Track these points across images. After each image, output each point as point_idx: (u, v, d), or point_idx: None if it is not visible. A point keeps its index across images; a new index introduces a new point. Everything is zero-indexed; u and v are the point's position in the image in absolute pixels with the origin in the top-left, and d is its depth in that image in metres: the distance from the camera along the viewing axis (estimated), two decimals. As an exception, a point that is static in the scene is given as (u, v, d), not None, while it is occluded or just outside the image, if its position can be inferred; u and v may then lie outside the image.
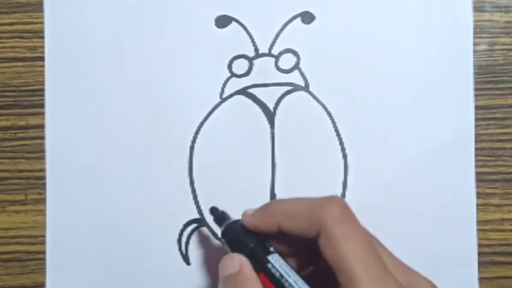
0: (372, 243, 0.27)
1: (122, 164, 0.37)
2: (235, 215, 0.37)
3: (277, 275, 0.28)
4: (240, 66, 0.37)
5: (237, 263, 0.29)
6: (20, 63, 0.37)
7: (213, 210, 0.33)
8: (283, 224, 0.29)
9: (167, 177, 0.37)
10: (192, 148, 0.37)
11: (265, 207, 0.30)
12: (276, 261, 0.28)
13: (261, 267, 0.28)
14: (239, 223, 0.30)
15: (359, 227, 0.27)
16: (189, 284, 0.37)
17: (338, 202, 0.28)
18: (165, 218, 0.37)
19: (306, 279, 0.27)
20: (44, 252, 0.37)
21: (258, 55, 0.37)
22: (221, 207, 0.37)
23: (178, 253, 0.37)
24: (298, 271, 0.29)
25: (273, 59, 0.37)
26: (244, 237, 0.30)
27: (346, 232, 0.27)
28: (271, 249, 0.29)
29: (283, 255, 0.29)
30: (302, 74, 0.37)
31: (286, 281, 0.27)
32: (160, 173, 0.37)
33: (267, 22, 0.37)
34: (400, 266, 0.29)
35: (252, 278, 0.28)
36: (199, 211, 0.37)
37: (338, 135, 0.37)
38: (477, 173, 0.37)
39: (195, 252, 0.37)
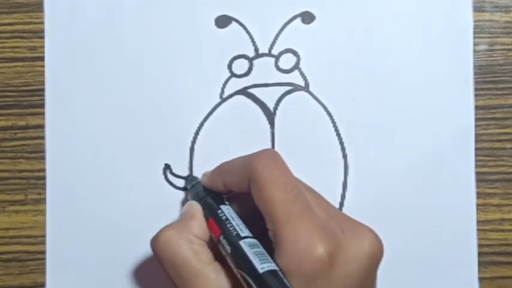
0: (296, 187, 0.28)
1: (122, 164, 0.37)
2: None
3: (223, 218, 0.30)
4: (240, 66, 0.37)
5: (188, 205, 0.32)
6: (20, 63, 0.37)
7: (187, 176, 0.36)
8: (225, 180, 0.31)
9: (167, 177, 0.37)
10: (192, 148, 0.37)
11: (215, 167, 0.33)
12: (226, 210, 0.31)
13: (211, 213, 0.31)
14: (202, 183, 0.34)
15: (285, 173, 0.29)
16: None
17: (267, 151, 0.30)
18: (166, 218, 0.37)
19: (256, 234, 0.29)
20: (44, 252, 0.37)
21: (258, 55, 0.37)
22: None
23: (178, 253, 0.37)
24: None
25: (273, 59, 0.37)
26: (205, 192, 0.33)
27: (269, 176, 0.28)
28: (226, 203, 0.32)
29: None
30: (302, 74, 0.37)
31: (230, 223, 0.30)
32: (161, 173, 0.37)
33: (267, 22, 0.37)
34: (336, 213, 0.30)
35: (193, 216, 0.31)
36: (199, 211, 0.37)
37: (338, 135, 0.37)
38: (477, 173, 0.37)
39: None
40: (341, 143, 0.37)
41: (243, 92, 0.37)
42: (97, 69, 0.37)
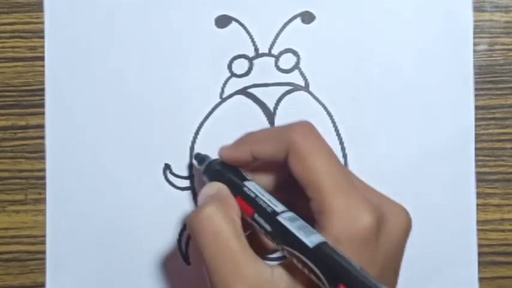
0: (338, 159, 0.28)
1: (122, 164, 0.37)
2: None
3: (252, 195, 0.29)
4: (240, 66, 0.37)
5: (215, 187, 0.30)
6: (20, 63, 0.37)
7: (196, 155, 0.35)
8: (255, 149, 0.30)
9: (167, 178, 0.37)
10: (192, 148, 0.37)
11: (239, 138, 0.32)
12: (252, 186, 0.30)
13: (237, 191, 0.30)
14: (217, 161, 0.33)
15: (326, 144, 0.29)
16: (189, 284, 0.37)
17: (306, 123, 0.30)
18: (165, 218, 0.37)
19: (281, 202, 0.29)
20: (44, 252, 0.37)
21: (258, 55, 0.37)
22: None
23: (179, 253, 0.37)
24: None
25: (273, 59, 0.37)
26: (222, 169, 0.32)
27: (312, 147, 0.28)
28: (248, 177, 0.31)
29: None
30: (302, 74, 0.37)
31: (261, 199, 0.29)
32: (161, 172, 0.37)
33: (267, 22, 0.37)
34: (370, 188, 0.30)
35: (228, 195, 0.30)
36: (199, 211, 0.37)
37: (338, 135, 0.37)
38: (477, 173, 0.37)
39: (195, 252, 0.37)
40: (341, 143, 0.37)
41: (243, 92, 0.37)
42: (97, 69, 0.37)
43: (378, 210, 0.27)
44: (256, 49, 0.37)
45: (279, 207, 0.28)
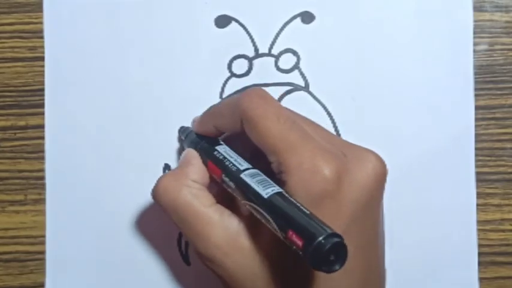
0: (290, 118, 0.29)
1: (121, 164, 0.37)
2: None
3: (220, 157, 0.30)
4: (240, 66, 0.37)
5: (182, 155, 0.32)
6: (20, 63, 0.37)
7: (180, 128, 0.36)
8: (216, 124, 0.32)
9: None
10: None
11: (204, 112, 0.34)
12: (222, 149, 0.31)
13: (208, 156, 0.31)
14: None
15: (276, 106, 0.29)
16: (189, 284, 0.37)
17: (255, 89, 0.30)
18: (165, 218, 0.37)
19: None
20: (43, 253, 0.37)
21: (257, 55, 0.37)
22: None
23: (178, 253, 0.37)
24: None
25: (272, 59, 0.37)
26: (198, 138, 0.33)
27: (261, 112, 0.29)
28: (222, 143, 0.32)
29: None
30: (302, 74, 0.37)
31: (228, 160, 0.30)
32: (161, 173, 0.37)
33: (267, 22, 0.37)
34: (336, 139, 0.31)
35: (189, 161, 0.31)
36: (199, 211, 0.37)
37: (338, 135, 0.37)
38: (477, 173, 0.37)
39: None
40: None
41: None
42: (97, 69, 0.37)
43: (338, 161, 0.27)
44: (256, 49, 0.37)
45: (243, 165, 0.29)
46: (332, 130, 0.37)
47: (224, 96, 0.37)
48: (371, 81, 0.37)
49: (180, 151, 0.36)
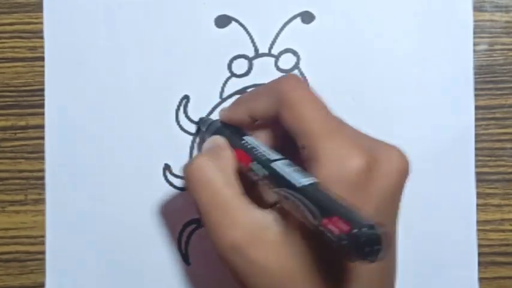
0: (325, 105, 0.29)
1: (121, 164, 0.37)
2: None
3: (249, 146, 0.30)
4: (240, 66, 0.37)
5: (212, 140, 0.32)
6: (20, 64, 0.37)
7: (200, 120, 0.36)
8: (251, 108, 0.31)
9: (167, 178, 0.37)
10: (192, 148, 0.37)
11: (235, 100, 0.34)
12: (250, 140, 0.31)
13: (236, 144, 0.31)
14: (218, 121, 0.34)
15: (313, 93, 0.30)
16: (189, 284, 0.37)
17: (292, 75, 0.31)
18: (165, 218, 0.37)
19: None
20: (43, 253, 0.37)
21: (257, 55, 0.37)
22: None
23: (178, 253, 0.37)
24: None
25: (272, 59, 0.37)
26: (223, 128, 0.33)
27: (299, 96, 0.29)
28: (248, 133, 0.32)
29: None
30: (302, 74, 0.37)
31: (258, 150, 0.30)
32: (161, 173, 0.37)
33: (267, 22, 0.37)
34: (362, 133, 0.30)
35: (223, 147, 0.31)
36: (199, 211, 0.37)
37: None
38: (477, 173, 0.37)
39: (195, 252, 0.37)
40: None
41: (243, 92, 0.37)
42: (97, 70, 0.37)
43: (368, 153, 0.27)
44: (256, 49, 0.37)
45: (274, 155, 0.29)
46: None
47: (224, 96, 0.37)
48: (371, 81, 0.37)
49: (200, 143, 0.36)
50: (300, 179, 0.27)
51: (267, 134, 0.32)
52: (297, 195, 0.26)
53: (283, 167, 0.28)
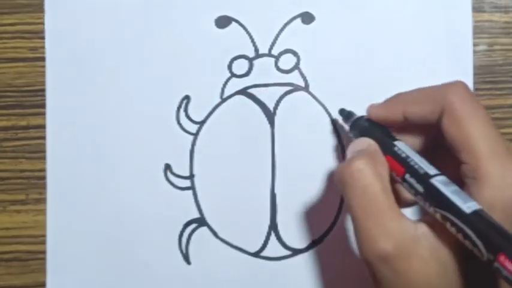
0: (494, 125, 0.28)
1: (122, 164, 0.37)
2: (234, 215, 0.37)
3: (403, 155, 0.29)
4: (240, 66, 0.37)
5: (365, 142, 0.30)
6: (21, 64, 0.37)
7: (341, 111, 0.35)
8: (408, 110, 0.30)
9: (168, 177, 0.37)
10: (192, 148, 0.37)
11: (390, 98, 0.32)
12: (402, 146, 0.29)
13: (388, 150, 0.30)
14: (365, 118, 0.33)
15: (482, 107, 0.28)
16: (189, 284, 0.37)
17: (461, 83, 0.29)
18: (166, 218, 0.37)
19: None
20: (44, 252, 0.37)
21: (258, 55, 0.37)
22: (221, 207, 0.37)
23: (179, 253, 0.37)
24: None
25: (273, 59, 0.37)
26: (371, 126, 0.32)
27: (470, 110, 0.28)
28: (397, 138, 0.30)
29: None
30: (302, 74, 0.37)
31: (412, 160, 0.28)
32: (161, 173, 0.37)
33: (267, 22, 0.37)
34: None
35: (378, 152, 0.30)
36: (200, 211, 0.37)
37: (338, 136, 0.37)
38: (477, 173, 0.37)
39: (195, 252, 0.37)
40: (341, 143, 0.37)
41: (243, 92, 0.37)
42: (97, 70, 0.37)
43: None
44: (256, 49, 0.37)
45: (431, 169, 0.28)
46: (332, 130, 0.37)
47: (224, 96, 0.37)
48: (371, 81, 0.37)
49: (339, 137, 0.36)
50: (466, 204, 0.26)
51: (416, 138, 0.31)
52: (463, 221, 0.25)
53: (443, 186, 0.27)
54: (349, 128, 0.34)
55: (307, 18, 0.37)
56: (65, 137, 0.37)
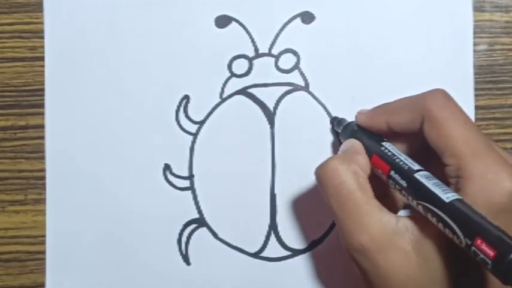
0: (474, 123, 0.29)
1: (121, 164, 0.37)
2: (234, 215, 0.37)
3: (389, 154, 0.30)
4: (240, 66, 0.37)
5: (350, 143, 0.32)
6: (20, 63, 0.37)
7: (333, 119, 0.36)
8: (390, 120, 0.31)
9: (167, 178, 0.37)
10: (192, 148, 0.37)
11: (374, 108, 0.33)
12: (389, 146, 0.31)
13: (374, 149, 0.31)
14: (355, 122, 0.34)
15: (462, 110, 0.29)
16: (189, 284, 0.37)
17: (440, 91, 0.30)
18: (165, 218, 0.37)
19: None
20: (43, 253, 0.37)
21: (258, 55, 0.37)
22: (221, 207, 0.37)
23: (179, 253, 0.37)
24: None
25: (273, 59, 0.37)
26: (360, 130, 0.33)
27: (448, 114, 0.29)
28: (385, 140, 0.31)
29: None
30: (302, 74, 0.37)
31: (398, 158, 0.29)
32: (161, 173, 0.37)
33: (267, 22, 0.37)
34: (504, 151, 0.30)
35: (358, 151, 0.31)
36: (199, 211, 0.37)
37: (337, 135, 0.37)
38: (477, 173, 0.37)
39: (195, 252, 0.37)
40: (341, 142, 0.37)
41: (243, 92, 0.37)
42: (97, 69, 0.37)
43: None
44: (256, 49, 0.37)
45: (415, 166, 0.29)
46: (332, 130, 0.37)
47: (224, 96, 0.37)
48: (371, 81, 0.37)
49: (335, 143, 0.36)
50: (446, 194, 0.26)
51: (403, 144, 0.32)
52: (443, 210, 0.26)
53: (425, 179, 0.28)
54: (340, 134, 0.35)
55: (307, 17, 0.37)
56: (64, 137, 0.37)
